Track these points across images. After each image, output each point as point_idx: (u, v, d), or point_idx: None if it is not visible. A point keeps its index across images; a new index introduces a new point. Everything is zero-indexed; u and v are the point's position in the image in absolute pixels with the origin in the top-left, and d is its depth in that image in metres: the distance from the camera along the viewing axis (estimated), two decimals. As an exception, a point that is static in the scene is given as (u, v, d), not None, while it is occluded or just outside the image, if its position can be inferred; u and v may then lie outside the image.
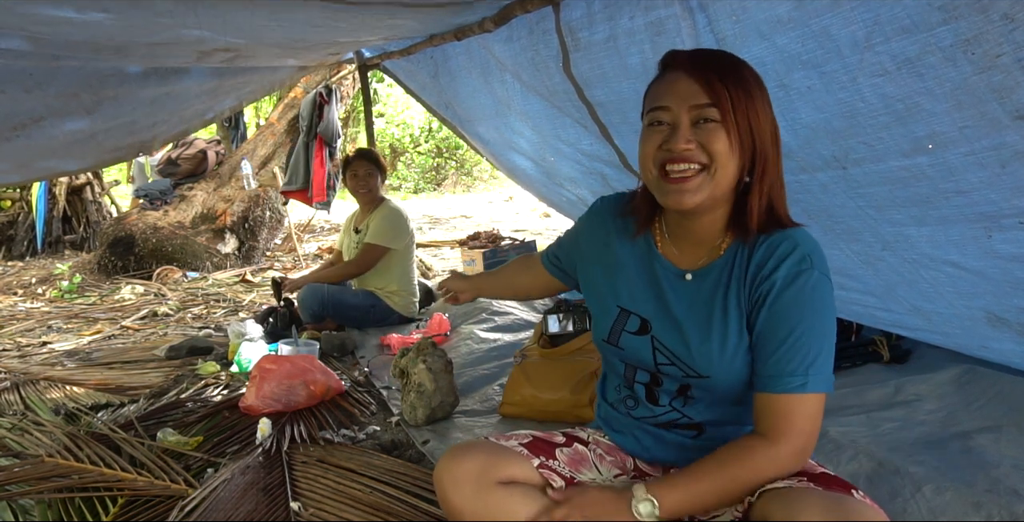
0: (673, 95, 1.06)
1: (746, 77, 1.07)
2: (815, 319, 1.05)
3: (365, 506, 1.66)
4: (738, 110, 1.04)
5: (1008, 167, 1.31)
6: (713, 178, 1.05)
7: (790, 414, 1.04)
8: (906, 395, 2.07)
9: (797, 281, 1.05)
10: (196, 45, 2.32)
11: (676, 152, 1.05)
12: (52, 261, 7.41)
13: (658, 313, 1.18)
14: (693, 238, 1.17)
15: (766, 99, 1.08)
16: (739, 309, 1.11)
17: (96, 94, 2.53)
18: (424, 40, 2.88)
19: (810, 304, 1.05)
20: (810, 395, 1.03)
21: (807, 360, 1.03)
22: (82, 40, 2.01)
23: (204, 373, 2.88)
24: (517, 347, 2.81)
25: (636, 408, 1.24)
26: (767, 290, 1.07)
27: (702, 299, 1.15)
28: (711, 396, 1.17)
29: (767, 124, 1.07)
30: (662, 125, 1.08)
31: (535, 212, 9.69)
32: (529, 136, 2.83)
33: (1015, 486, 1.50)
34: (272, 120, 6.75)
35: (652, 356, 1.18)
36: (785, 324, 1.05)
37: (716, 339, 1.12)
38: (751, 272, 1.10)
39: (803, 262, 1.06)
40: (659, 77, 1.12)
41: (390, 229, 3.47)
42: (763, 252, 1.09)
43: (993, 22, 1.12)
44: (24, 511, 1.78)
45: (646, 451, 1.26)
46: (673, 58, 1.11)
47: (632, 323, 1.21)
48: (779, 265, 1.06)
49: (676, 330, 1.16)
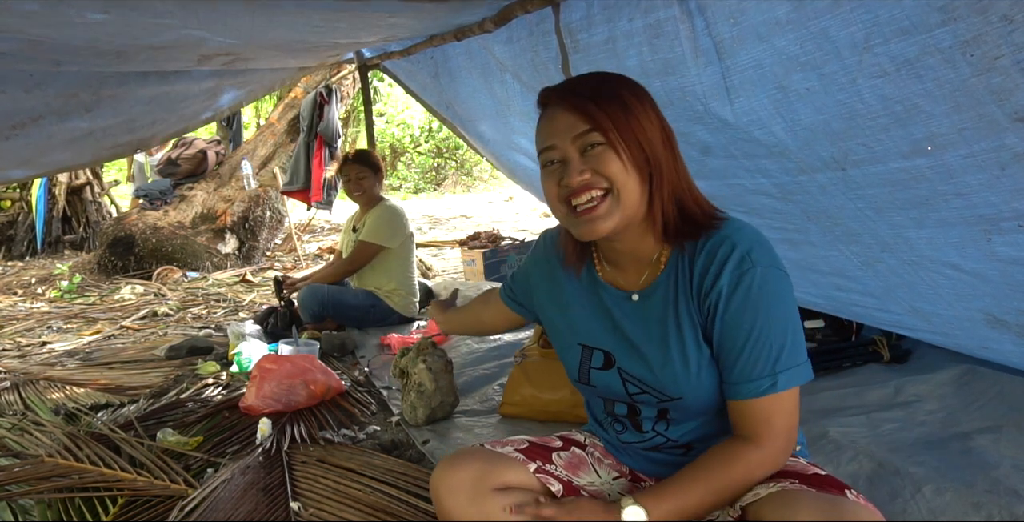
0: (555, 131, 1.07)
1: (619, 92, 1.06)
2: (770, 316, 1.03)
3: (365, 506, 1.67)
4: (619, 127, 1.03)
5: (1007, 169, 1.31)
6: (619, 200, 1.05)
7: (767, 416, 1.04)
8: (906, 395, 2.07)
9: (742, 283, 1.03)
10: (196, 49, 2.32)
11: (573, 185, 1.05)
12: (52, 261, 7.41)
13: (618, 344, 1.18)
14: (629, 258, 1.16)
15: (647, 106, 1.07)
16: (692, 323, 1.10)
17: (96, 94, 2.54)
18: (424, 40, 2.88)
19: (761, 302, 1.03)
20: (783, 393, 1.03)
21: (771, 359, 1.03)
22: (83, 44, 2.02)
23: (204, 373, 2.88)
24: (517, 347, 2.81)
25: (624, 433, 1.25)
26: (715, 300, 1.05)
27: (654, 319, 1.13)
28: (689, 415, 1.16)
29: (654, 131, 1.06)
30: (555, 164, 1.08)
31: (535, 212, 9.69)
32: (530, 136, 2.83)
33: (1015, 486, 1.50)
34: (272, 120, 6.75)
35: (624, 388, 1.18)
36: (740, 329, 1.04)
37: (677, 359, 1.11)
38: (695, 283, 1.08)
39: (743, 262, 1.04)
40: (541, 117, 1.13)
41: (385, 227, 3.48)
42: (703, 260, 1.07)
43: (992, 24, 1.12)
44: (24, 511, 1.78)
45: (638, 465, 1.27)
46: (546, 95, 1.11)
47: (596, 359, 1.20)
48: (721, 271, 1.04)
49: (638, 357, 1.15)
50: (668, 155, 1.07)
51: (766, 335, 1.03)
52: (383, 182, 3.66)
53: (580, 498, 1.13)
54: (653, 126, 1.06)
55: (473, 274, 4.55)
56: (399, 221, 3.53)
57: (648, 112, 1.07)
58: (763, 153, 1.71)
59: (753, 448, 1.04)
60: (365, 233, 3.49)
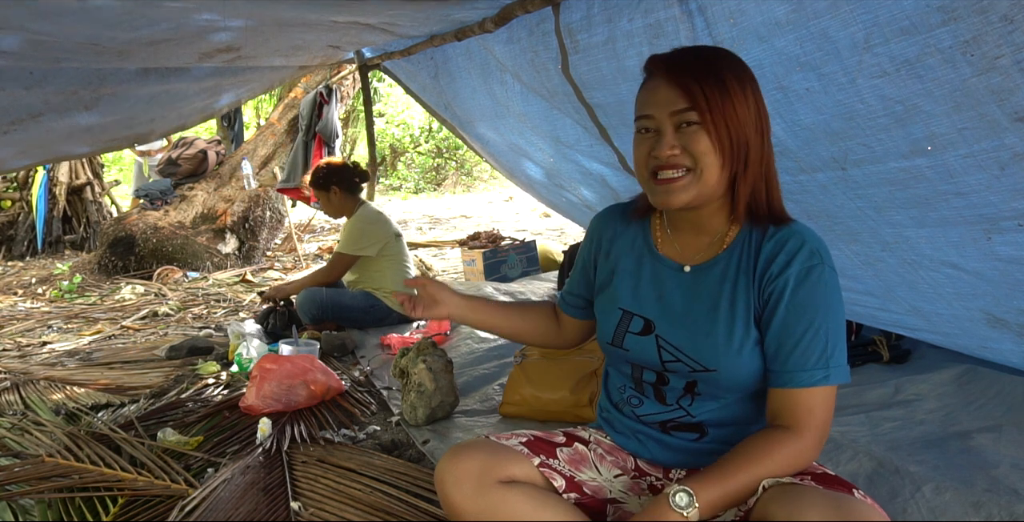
0: (655, 103, 1.10)
1: (723, 73, 1.08)
2: (829, 313, 1.07)
3: (365, 506, 1.67)
4: (714, 110, 1.06)
5: (1007, 169, 1.31)
6: (700, 179, 1.09)
7: (813, 407, 1.06)
8: (906, 394, 2.08)
9: (810, 277, 1.08)
10: (198, 43, 2.31)
11: (662, 159, 1.09)
12: (52, 261, 7.41)
13: (661, 312, 1.20)
14: (695, 230, 1.19)
15: (748, 90, 1.09)
16: (747, 304, 1.12)
17: (95, 91, 2.53)
18: (424, 40, 2.88)
19: (824, 299, 1.08)
20: (828, 388, 1.06)
21: (827, 353, 1.06)
22: (84, 41, 2.01)
23: (204, 373, 2.88)
24: (517, 347, 2.81)
25: (641, 406, 1.25)
26: (781, 287, 1.09)
27: (706, 292, 1.16)
28: (717, 391, 1.17)
29: (748, 116, 1.08)
30: (649, 132, 1.12)
31: (535, 212, 9.69)
32: (529, 137, 2.84)
33: (1015, 486, 1.51)
34: (272, 120, 6.75)
35: (658, 355, 1.19)
36: (803, 320, 1.07)
37: (722, 332, 1.13)
38: (760, 268, 1.12)
39: (814, 257, 1.09)
40: (644, 84, 1.15)
41: (358, 237, 3.51)
42: (771, 247, 1.11)
43: (992, 24, 1.12)
44: (24, 511, 1.78)
45: (648, 452, 1.26)
46: (653, 63, 1.13)
47: (635, 324, 1.22)
48: (790, 261, 1.09)
49: (680, 326, 1.17)
50: (758, 140, 1.10)
51: (824, 330, 1.07)
52: (355, 186, 3.63)
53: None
54: (749, 111, 1.08)
55: (473, 274, 4.55)
56: (372, 229, 3.54)
57: (748, 97, 1.09)
58: (763, 153, 1.71)
59: (794, 437, 1.05)
60: (339, 244, 3.57)
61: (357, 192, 3.66)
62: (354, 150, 14.25)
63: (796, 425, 1.06)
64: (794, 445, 1.05)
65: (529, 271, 4.62)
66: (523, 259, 4.63)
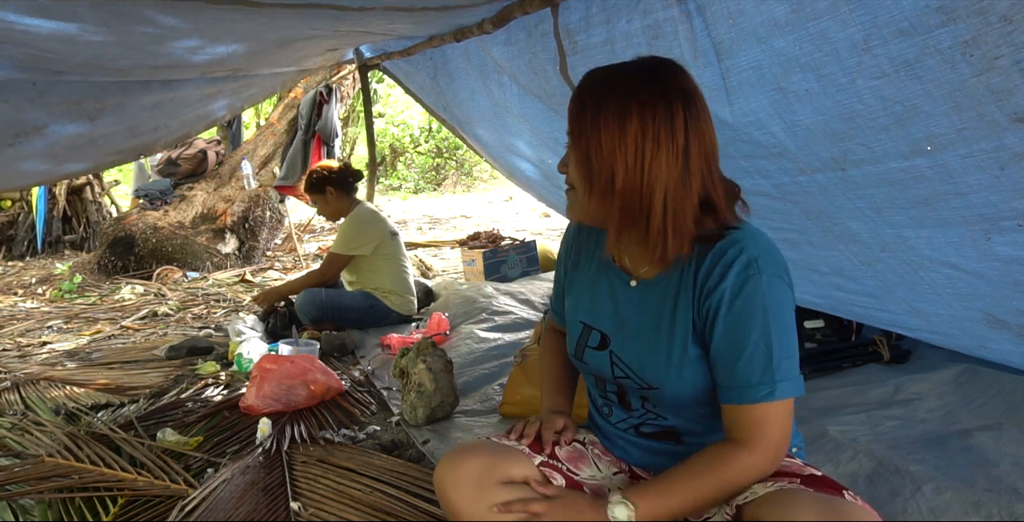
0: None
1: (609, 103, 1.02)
2: (771, 324, 1.03)
3: (365, 506, 1.67)
4: (579, 136, 1.07)
5: (1007, 169, 1.31)
6: (578, 198, 1.12)
7: (761, 423, 1.04)
8: (906, 394, 2.08)
9: (745, 288, 1.03)
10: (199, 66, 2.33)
11: (559, 170, 1.17)
12: (52, 261, 7.41)
13: (616, 327, 1.20)
14: (640, 243, 1.13)
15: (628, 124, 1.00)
16: (686, 320, 1.10)
17: (99, 102, 2.53)
18: (424, 41, 2.88)
19: (763, 310, 1.03)
20: (778, 402, 1.03)
21: (771, 367, 1.02)
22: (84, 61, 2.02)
23: (204, 373, 2.88)
24: (517, 347, 2.81)
25: (612, 415, 1.26)
26: (717, 302, 1.06)
27: (650, 308, 1.15)
28: (666, 406, 1.18)
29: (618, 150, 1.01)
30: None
31: (535, 212, 9.69)
32: (528, 138, 2.84)
33: (1015, 485, 1.51)
34: (272, 120, 6.75)
35: (611, 370, 1.20)
36: (741, 334, 1.04)
37: (662, 350, 1.12)
38: (699, 282, 1.09)
39: (750, 268, 1.03)
40: None
41: (351, 237, 3.52)
42: (709, 262, 1.07)
43: (992, 24, 1.12)
44: (24, 511, 1.78)
45: (632, 458, 1.27)
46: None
47: (593, 338, 1.22)
48: (725, 274, 1.05)
49: (631, 342, 1.17)
50: (636, 174, 1.01)
51: (767, 343, 1.03)
52: (350, 186, 3.64)
53: (570, 492, 1.14)
54: (622, 146, 1.01)
55: (473, 274, 4.55)
56: (365, 228, 3.55)
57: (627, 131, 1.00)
58: (762, 154, 1.72)
59: (745, 452, 1.04)
60: (333, 244, 3.58)
61: (352, 192, 3.67)
62: (354, 150, 14.25)
63: (746, 440, 1.04)
64: (744, 459, 1.03)
65: (529, 271, 4.62)
66: (523, 259, 4.63)
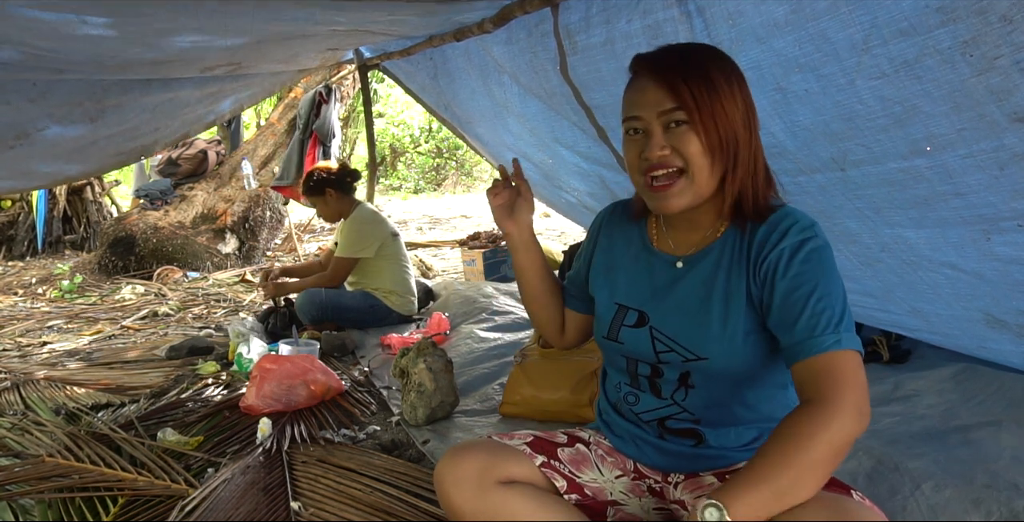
0: (642, 103, 1.09)
1: (709, 70, 1.07)
2: (830, 281, 1.04)
3: (365, 506, 1.67)
4: (703, 109, 1.05)
5: (1006, 169, 1.31)
6: (693, 180, 1.08)
7: (836, 371, 0.97)
8: (905, 391, 2.08)
9: (804, 247, 1.06)
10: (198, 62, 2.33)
11: (653, 160, 1.08)
12: (52, 261, 7.41)
13: (656, 304, 1.20)
14: (689, 226, 1.19)
15: (734, 86, 1.08)
16: (742, 291, 1.11)
17: (99, 103, 2.54)
18: (424, 41, 2.88)
19: (821, 268, 1.05)
20: (849, 351, 0.99)
21: (834, 319, 1.01)
22: (84, 59, 2.02)
23: (204, 373, 2.88)
24: (517, 347, 2.81)
25: (638, 403, 1.24)
26: (775, 261, 1.07)
27: (699, 281, 1.16)
28: (711, 382, 1.15)
29: (736, 113, 1.08)
30: (638, 133, 1.11)
31: (535, 212, 9.68)
32: (528, 138, 2.84)
33: (1015, 480, 1.50)
34: (272, 120, 6.76)
35: (651, 345, 1.18)
36: (804, 288, 1.04)
37: (715, 320, 1.12)
38: (754, 251, 1.10)
39: (806, 231, 1.07)
40: (630, 84, 1.14)
41: (355, 240, 3.52)
42: (765, 229, 1.10)
43: (991, 24, 1.13)
44: (24, 511, 1.78)
45: (646, 458, 1.25)
46: (638, 63, 1.13)
47: (630, 318, 1.22)
48: (784, 236, 1.07)
49: (673, 316, 1.17)
50: (746, 136, 1.09)
51: (827, 295, 1.03)
52: (348, 186, 3.63)
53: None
54: (737, 108, 1.07)
55: (473, 274, 4.55)
56: (368, 229, 3.55)
57: (735, 93, 1.08)
58: (762, 153, 1.72)
59: (828, 412, 0.93)
60: (339, 249, 3.56)
61: (351, 192, 3.67)
62: (354, 150, 14.25)
63: (824, 395, 0.95)
64: (826, 414, 0.93)
65: (529, 271, 4.61)
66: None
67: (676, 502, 1.23)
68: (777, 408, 1.18)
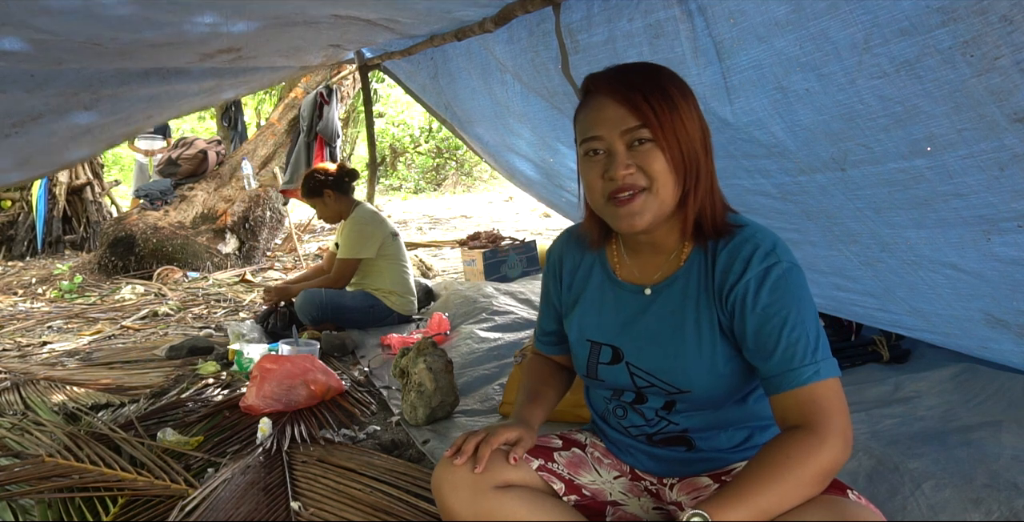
0: (602, 122, 1.07)
1: (667, 87, 1.07)
2: (800, 308, 1.03)
3: (365, 506, 1.67)
4: (666, 126, 1.04)
5: (1007, 170, 1.31)
6: (657, 196, 1.06)
7: (821, 400, 0.99)
8: (905, 392, 2.08)
9: (769, 277, 1.05)
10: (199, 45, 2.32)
11: (619, 181, 1.06)
12: (52, 261, 7.41)
13: (628, 339, 1.18)
14: (650, 250, 1.18)
15: (691, 103, 1.08)
16: (711, 320, 1.11)
17: (96, 93, 2.54)
18: (424, 40, 2.88)
19: (790, 296, 1.04)
20: (829, 380, 1.00)
21: (810, 347, 1.01)
22: (85, 40, 2.01)
23: (204, 373, 2.88)
24: (517, 347, 2.81)
25: (625, 417, 1.24)
26: (743, 294, 1.06)
27: (668, 311, 1.14)
28: (696, 406, 1.16)
29: (695, 131, 1.07)
30: (599, 154, 1.08)
31: (535, 212, 9.69)
32: (528, 138, 2.84)
33: (1015, 480, 1.50)
34: (273, 120, 6.76)
35: (631, 381, 1.18)
36: (775, 319, 1.03)
37: (691, 351, 1.11)
38: (717, 280, 1.09)
39: (768, 257, 1.06)
40: (584, 104, 1.12)
41: (356, 241, 3.54)
42: (725, 258, 1.09)
43: (992, 24, 1.12)
44: (24, 511, 1.78)
45: (640, 464, 1.26)
46: (594, 82, 1.11)
47: (604, 354, 1.21)
48: (746, 267, 1.06)
49: (648, 349, 1.16)
50: (703, 154, 1.09)
51: (800, 323, 1.03)
52: (347, 187, 3.63)
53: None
54: (694, 125, 1.07)
55: (473, 274, 4.55)
56: (368, 230, 3.56)
57: (692, 110, 1.08)
58: (762, 153, 1.72)
59: (817, 434, 0.96)
60: (341, 251, 3.58)
61: (350, 192, 3.68)
62: (354, 150, 14.25)
63: (809, 423, 0.98)
64: (816, 441, 0.96)
65: (529, 271, 4.62)
66: (523, 259, 4.63)
67: (673, 503, 1.23)
68: (766, 405, 1.18)
